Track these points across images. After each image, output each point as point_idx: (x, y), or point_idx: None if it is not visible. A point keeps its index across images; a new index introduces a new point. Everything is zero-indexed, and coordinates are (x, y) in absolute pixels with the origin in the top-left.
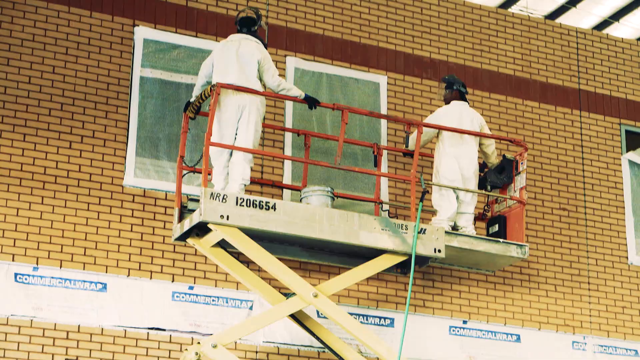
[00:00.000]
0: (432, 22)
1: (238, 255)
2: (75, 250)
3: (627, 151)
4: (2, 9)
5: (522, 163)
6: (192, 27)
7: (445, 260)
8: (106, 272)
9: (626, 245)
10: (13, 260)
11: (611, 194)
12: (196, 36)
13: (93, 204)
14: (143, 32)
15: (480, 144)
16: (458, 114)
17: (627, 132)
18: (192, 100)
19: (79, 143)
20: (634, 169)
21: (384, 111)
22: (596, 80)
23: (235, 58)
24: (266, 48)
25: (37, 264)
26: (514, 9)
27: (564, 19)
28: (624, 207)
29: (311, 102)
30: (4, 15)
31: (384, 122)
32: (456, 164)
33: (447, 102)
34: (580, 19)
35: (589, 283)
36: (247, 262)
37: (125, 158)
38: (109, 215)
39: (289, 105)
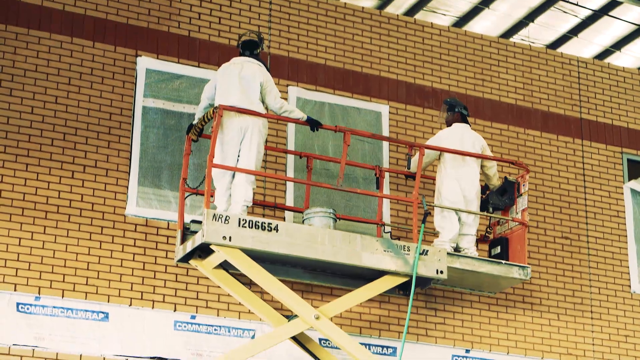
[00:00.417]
0: (434, 51)
1: (240, 277)
2: (77, 279)
3: (629, 180)
4: (5, 39)
5: (523, 185)
6: (195, 57)
7: (447, 281)
8: (108, 301)
9: (629, 273)
10: (15, 289)
11: (613, 223)
12: (198, 66)
13: (95, 234)
14: (145, 62)
15: (482, 166)
16: (460, 136)
17: (629, 160)
18: (194, 122)
19: (81, 173)
20: (636, 197)
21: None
22: (598, 109)
23: (238, 80)
24: (268, 71)
25: (39, 293)
26: (515, 38)
27: (565, 48)
28: (626, 236)
29: (313, 124)
30: (6, 46)
31: (385, 148)
32: (458, 185)
33: (448, 124)
34: (582, 48)
35: (591, 312)
36: (249, 285)
37: (127, 187)
38: (111, 244)
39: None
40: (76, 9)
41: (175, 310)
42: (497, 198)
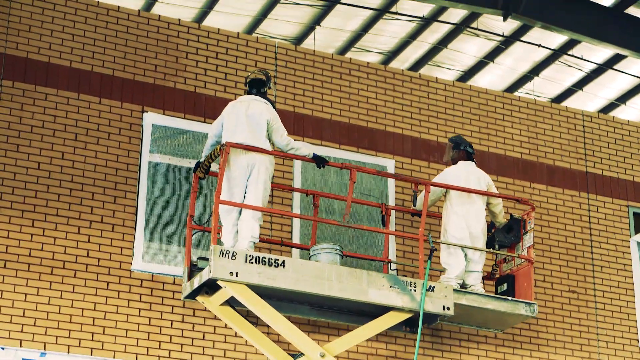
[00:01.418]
0: (439, 106)
1: (246, 314)
2: (83, 335)
3: (636, 233)
4: (12, 96)
5: (529, 222)
6: (201, 112)
7: (453, 319)
8: (114, 357)
9: (636, 327)
10: (21, 345)
11: (620, 276)
12: (204, 122)
13: (101, 289)
14: (152, 118)
15: (487, 204)
16: (465, 173)
17: (635, 214)
18: (201, 160)
19: (88, 228)
20: None
21: (392, 196)
22: (603, 163)
23: (245, 118)
24: (275, 109)
25: (44, 349)
26: (520, 92)
27: (570, 102)
28: (633, 290)
29: (320, 161)
30: (13, 102)
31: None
32: (464, 222)
33: (454, 162)
34: (587, 101)
35: None
36: (255, 322)
37: (133, 243)
38: (117, 300)
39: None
40: (83, 65)
41: None
42: (503, 235)
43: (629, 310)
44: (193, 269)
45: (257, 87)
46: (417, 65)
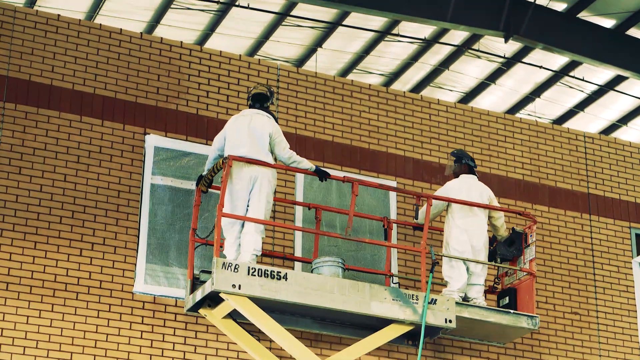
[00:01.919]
0: (441, 127)
1: (248, 328)
2: (84, 357)
3: (638, 254)
4: (14, 118)
5: (531, 235)
6: (203, 135)
7: (456, 332)
8: None
9: (639, 349)
10: None
11: (623, 298)
12: (206, 144)
13: (103, 311)
14: (154, 140)
15: (489, 217)
16: (467, 186)
17: (637, 235)
18: (204, 173)
19: (90, 250)
20: None
21: (394, 217)
22: (605, 184)
23: (247, 131)
24: (277, 122)
25: None
26: (521, 113)
27: (572, 124)
28: (635, 311)
29: (322, 174)
30: (16, 125)
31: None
32: (466, 235)
33: (456, 175)
34: (588, 122)
35: None
36: (257, 336)
37: (135, 265)
38: (119, 322)
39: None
40: (85, 87)
41: None
42: (505, 249)
43: (632, 332)
44: (196, 282)
45: (259, 101)
46: (418, 87)
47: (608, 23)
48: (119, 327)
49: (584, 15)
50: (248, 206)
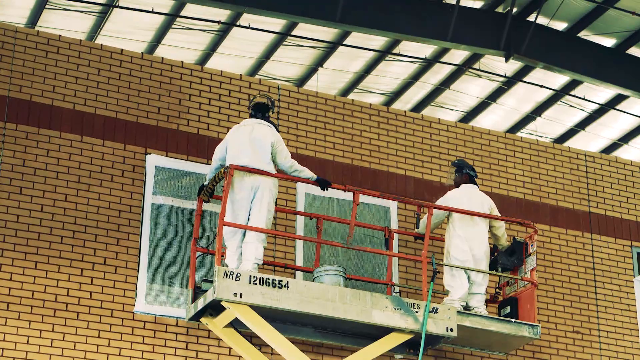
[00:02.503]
0: (442, 147)
1: (250, 338)
2: None
3: None
4: (15, 138)
5: (532, 245)
6: (203, 154)
7: (457, 341)
8: None
9: None
10: None
11: (624, 317)
12: (207, 163)
13: (104, 331)
14: (155, 160)
15: (490, 227)
16: (468, 196)
17: (638, 254)
18: (205, 183)
19: (90, 270)
20: None
21: (394, 235)
22: (606, 203)
23: (249, 141)
24: (278, 132)
25: None
26: (522, 132)
27: (573, 142)
28: (637, 330)
29: (323, 184)
30: (17, 145)
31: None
32: (467, 245)
33: (457, 185)
34: (589, 141)
35: None
36: (259, 346)
37: (136, 284)
38: (119, 342)
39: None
40: (86, 107)
41: None
42: (506, 258)
43: (634, 351)
44: (197, 292)
45: (261, 111)
46: (419, 106)
47: (608, 42)
48: (119, 347)
49: (585, 34)
50: (249, 215)
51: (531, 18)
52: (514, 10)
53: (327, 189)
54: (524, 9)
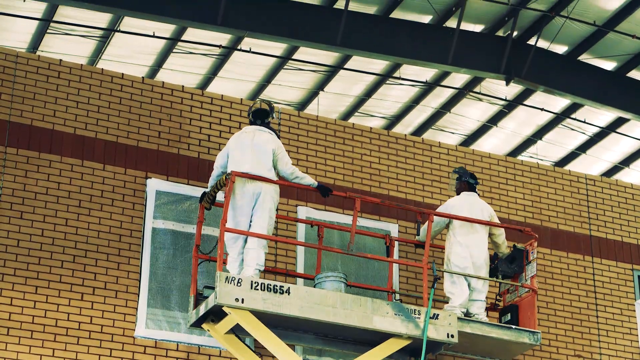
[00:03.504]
0: (442, 170)
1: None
2: None
3: None
4: (16, 163)
5: (532, 252)
6: (204, 178)
7: (457, 348)
8: None
9: None
10: None
11: (626, 340)
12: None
13: (104, 356)
14: (155, 184)
15: (490, 234)
16: (468, 204)
17: (639, 277)
18: (207, 190)
19: (91, 295)
20: None
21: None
22: (607, 226)
23: (250, 147)
24: (279, 138)
25: None
26: (523, 156)
27: (573, 166)
28: (639, 353)
29: (324, 190)
30: (17, 169)
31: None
32: (467, 252)
33: (457, 193)
34: (590, 165)
35: None
36: (259, 353)
37: (136, 309)
38: None
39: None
40: (87, 132)
41: None
42: (506, 266)
43: None
44: (199, 299)
45: (261, 117)
46: (420, 130)
47: (609, 65)
48: None
49: (585, 57)
50: (251, 222)
51: (532, 42)
52: (515, 34)
53: (328, 196)
54: (525, 32)
